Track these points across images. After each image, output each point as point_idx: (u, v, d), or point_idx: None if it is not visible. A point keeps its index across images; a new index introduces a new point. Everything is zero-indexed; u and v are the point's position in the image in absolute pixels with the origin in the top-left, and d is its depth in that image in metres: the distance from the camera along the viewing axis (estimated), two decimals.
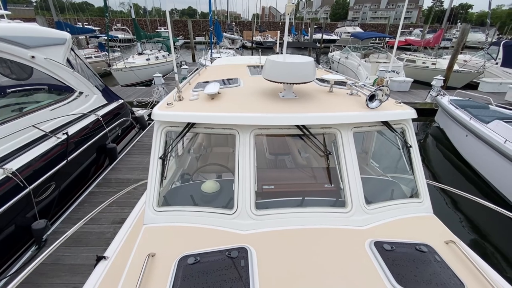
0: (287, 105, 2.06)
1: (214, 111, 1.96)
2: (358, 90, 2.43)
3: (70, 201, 4.13)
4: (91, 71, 5.58)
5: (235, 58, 6.14)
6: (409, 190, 2.29)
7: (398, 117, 2.08)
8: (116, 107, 5.76)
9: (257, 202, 1.88)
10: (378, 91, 1.99)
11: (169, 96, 2.49)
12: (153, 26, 40.63)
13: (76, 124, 4.40)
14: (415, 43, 17.79)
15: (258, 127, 1.94)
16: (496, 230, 4.52)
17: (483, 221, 4.71)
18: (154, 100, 9.04)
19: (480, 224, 4.66)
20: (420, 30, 42.37)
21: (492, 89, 11.48)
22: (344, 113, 1.92)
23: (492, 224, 4.61)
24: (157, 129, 2.12)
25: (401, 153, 2.43)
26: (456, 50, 11.59)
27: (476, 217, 4.82)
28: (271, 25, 51.63)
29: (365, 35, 15.38)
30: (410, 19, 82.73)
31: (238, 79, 2.93)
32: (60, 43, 4.54)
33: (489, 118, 5.93)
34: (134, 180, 4.64)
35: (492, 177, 5.40)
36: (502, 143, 5.01)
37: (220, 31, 15.96)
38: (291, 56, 2.28)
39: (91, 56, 15.54)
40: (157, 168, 2.08)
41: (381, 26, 52.12)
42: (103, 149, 4.97)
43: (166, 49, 16.62)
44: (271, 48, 35.70)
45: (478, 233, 4.51)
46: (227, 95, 2.37)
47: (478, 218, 4.78)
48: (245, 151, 1.92)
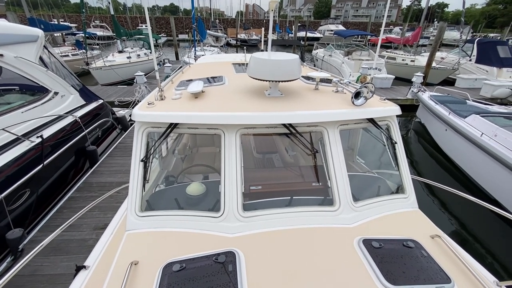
0: (273, 103, 2.02)
1: (198, 111, 1.89)
2: (343, 87, 2.43)
3: (48, 208, 3.91)
4: (67, 70, 5.30)
5: (219, 56, 6.04)
6: (394, 185, 2.33)
7: (383, 114, 2.09)
8: (96, 108, 5.52)
9: (245, 203, 1.84)
10: (363, 89, 2.00)
11: (150, 96, 2.39)
12: (134, 23, 39.44)
13: (52, 126, 4.16)
14: (395, 41, 18.30)
15: (244, 126, 1.89)
16: (477, 222, 4.71)
17: (464, 213, 4.89)
18: (136, 99, 8.76)
19: (462, 217, 4.84)
20: (400, 29, 43.69)
21: (468, 84, 12.00)
22: (330, 110, 1.90)
23: (473, 216, 4.81)
24: (138, 130, 2.02)
25: (386, 149, 2.46)
26: (434, 47, 12.02)
27: (458, 210, 5.00)
28: (255, 22, 51.47)
29: (348, 33, 15.64)
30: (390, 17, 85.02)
31: (222, 77, 2.86)
32: (32, 40, 4.27)
33: (467, 112, 6.19)
34: (117, 183, 4.47)
35: (470, 169, 5.64)
36: (479, 136, 5.23)
37: (204, 28, 15.72)
38: (276, 53, 2.25)
39: (68, 54, 14.83)
40: (139, 171, 1.98)
41: (363, 24, 53.29)
42: (82, 151, 4.74)
43: (148, 46, 16.16)
44: (256, 46, 35.60)
45: (461, 226, 4.68)
46: (211, 93, 2.30)
47: (459, 211, 4.96)
48: (231, 151, 1.87)
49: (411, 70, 14.82)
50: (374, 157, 2.85)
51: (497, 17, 61.30)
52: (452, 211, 4.99)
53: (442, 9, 79.01)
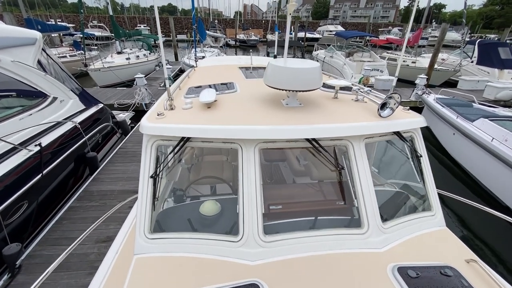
0: (293, 114, 1.87)
1: (213, 123, 1.74)
2: (364, 96, 2.30)
3: (47, 219, 3.74)
4: (66, 73, 5.12)
5: (222, 58, 5.89)
6: (418, 200, 2.19)
7: (410, 126, 1.95)
8: (96, 112, 5.34)
9: (265, 224, 1.69)
10: (390, 99, 1.86)
11: (158, 104, 2.23)
12: (132, 23, 39.17)
13: (51, 133, 3.98)
14: (396, 42, 18.24)
15: (263, 140, 1.74)
16: (496, 235, 4.43)
17: (483, 227, 4.58)
18: (136, 102, 8.57)
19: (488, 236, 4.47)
20: (398, 29, 43.80)
21: (470, 86, 11.93)
22: (356, 123, 1.76)
23: (489, 226, 4.55)
24: (146, 144, 1.87)
25: (405, 159, 2.33)
26: (437, 49, 11.95)
27: (482, 227, 4.62)
28: (254, 23, 51.31)
29: (350, 34, 15.54)
30: (388, 18, 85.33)
31: (233, 84, 2.70)
32: (30, 43, 4.09)
33: (474, 116, 6.08)
34: (118, 192, 4.31)
35: (479, 174, 5.53)
36: (489, 141, 5.12)
37: (204, 29, 15.54)
38: (294, 60, 2.10)
39: (66, 55, 14.59)
40: (148, 188, 1.83)
41: (361, 25, 53.36)
42: (82, 158, 4.57)
43: (147, 47, 15.95)
44: (255, 46, 35.47)
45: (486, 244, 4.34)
46: (224, 102, 2.15)
47: (484, 228, 4.59)
48: (250, 167, 1.72)
49: (413, 72, 14.75)
50: (389, 167, 2.72)
51: (494, 18, 61.65)
52: (476, 228, 4.64)
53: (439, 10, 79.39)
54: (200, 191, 2.71)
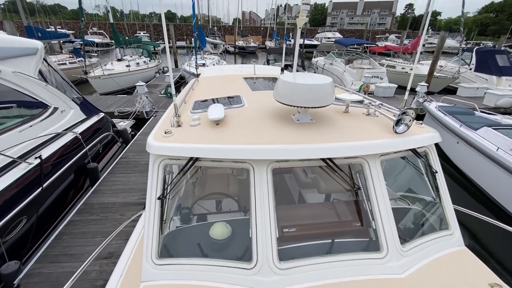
0: (305, 131, 1.81)
1: (223, 142, 1.67)
2: (375, 109, 2.25)
3: (46, 233, 3.62)
4: (67, 83, 5.06)
5: (225, 67, 5.86)
6: (432, 216, 2.12)
7: (425, 143, 1.90)
8: (96, 122, 5.26)
9: (279, 249, 1.61)
10: (405, 116, 1.81)
11: (164, 120, 2.17)
12: (132, 30, 39.38)
13: (51, 145, 3.89)
14: (395, 49, 18.39)
15: (276, 160, 1.68)
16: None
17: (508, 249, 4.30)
18: (136, 110, 8.51)
19: (508, 255, 4.24)
20: (396, 36, 44.35)
21: (470, 93, 11.99)
22: (371, 141, 1.70)
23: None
24: (153, 163, 1.79)
25: (413, 171, 2.27)
26: (436, 56, 12.04)
27: (499, 244, 4.37)
28: (252, 29, 51.79)
29: (349, 42, 15.67)
30: (384, 25, 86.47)
31: (240, 97, 2.65)
32: (31, 53, 4.03)
33: (477, 124, 6.06)
34: (120, 204, 4.20)
35: (486, 185, 5.47)
36: (495, 150, 5.09)
37: (204, 36, 15.61)
38: (304, 75, 2.05)
39: (65, 62, 14.56)
40: (155, 211, 1.75)
41: (359, 32, 54.00)
42: (83, 170, 4.47)
43: (147, 54, 15.97)
44: (254, 53, 35.71)
45: (507, 265, 4.12)
46: (232, 118, 2.09)
47: (502, 246, 4.34)
48: (263, 189, 1.64)
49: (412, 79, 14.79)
50: (396, 178, 2.65)
51: (489, 25, 62.68)
52: (487, 242, 4.42)
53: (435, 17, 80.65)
54: (206, 207, 2.63)
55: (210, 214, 2.39)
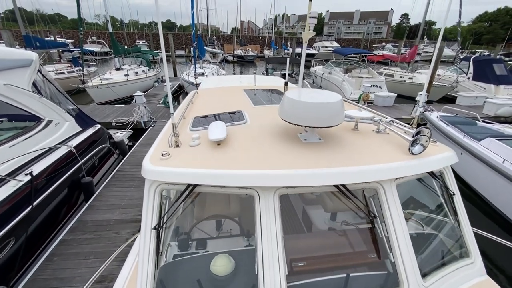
0: (314, 152, 1.67)
1: (225, 165, 1.53)
2: (386, 127, 2.12)
3: (35, 254, 3.42)
4: (63, 94, 4.93)
5: (224, 78, 5.77)
6: (450, 242, 1.97)
7: (443, 164, 1.77)
8: (92, 134, 5.11)
9: (289, 285, 1.45)
10: (421, 136, 1.68)
11: (162, 139, 2.02)
12: (131, 39, 39.65)
13: (44, 160, 3.73)
14: (392, 58, 18.53)
15: (284, 186, 1.53)
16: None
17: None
18: (134, 120, 8.37)
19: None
20: (392, 45, 44.97)
21: (469, 102, 11.99)
22: (388, 165, 1.56)
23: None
24: (149, 189, 1.64)
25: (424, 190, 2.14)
26: (435, 66, 12.08)
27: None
28: (251, 39, 52.37)
29: (348, 51, 15.76)
30: (380, 34, 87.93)
31: (242, 113, 2.52)
32: (25, 65, 3.92)
33: (481, 135, 5.97)
34: (115, 221, 4.01)
35: (493, 198, 5.34)
36: (501, 162, 4.97)
37: (203, 46, 15.66)
38: (312, 91, 1.93)
39: (64, 71, 14.49)
40: (151, 242, 1.59)
41: (356, 41, 54.76)
42: (76, 184, 4.29)
43: (146, 63, 15.96)
44: (253, 62, 35.97)
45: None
46: (234, 137, 1.95)
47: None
48: (269, 218, 1.50)
49: (410, 88, 14.86)
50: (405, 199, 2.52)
51: (483, 34, 63.84)
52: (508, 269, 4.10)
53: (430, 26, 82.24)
54: (206, 229, 2.46)
55: (211, 239, 2.23)
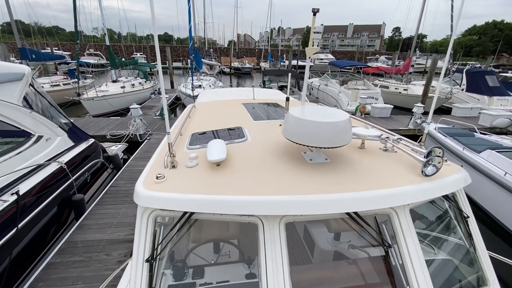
0: (321, 175, 1.56)
1: (225, 190, 1.40)
2: (393, 145, 2.03)
3: (19, 280, 3.18)
4: (55, 108, 4.79)
5: (222, 91, 5.70)
6: (465, 268, 1.84)
7: (458, 186, 1.66)
8: (85, 149, 4.94)
9: None
10: (435, 157, 1.58)
11: (156, 160, 1.88)
12: (129, 51, 39.95)
13: (33, 177, 3.55)
14: (387, 70, 18.84)
15: (289, 214, 1.41)
16: None
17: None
18: (130, 133, 8.22)
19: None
20: (385, 57, 46.01)
21: (464, 113, 12.10)
22: (402, 189, 1.45)
23: None
24: (141, 216, 1.50)
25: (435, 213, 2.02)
26: (429, 78, 12.26)
27: None
28: (247, 51, 53.21)
29: (344, 64, 15.99)
30: (374, 46, 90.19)
31: (242, 130, 2.41)
32: (16, 79, 3.80)
33: (480, 147, 5.93)
34: (106, 242, 3.80)
35: (496, 211, 5.25)
36: (503, 175, 4.91)
37: (200, 58, 15.75)
38: (316, 108, 1.83)
39: (59, 83, 14.39)
40: (142, 276, 1.43)
41: (350, 53, 56.00)
42: (67, 202, 4.09)
43: (143, 76, 15.95)
44: (249, 74, 36.36)
45: None
46: (234, 156, 1.83)
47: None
48: (275, 248, 1.36)
49: (406, 99, 15.04)
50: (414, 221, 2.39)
51: (473, 47, 65.77)
52: None
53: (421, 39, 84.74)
54: (202, 254, 2.30)
55: (209, 266, 2.06)
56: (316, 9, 1.79)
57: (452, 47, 11.41)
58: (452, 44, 2.15)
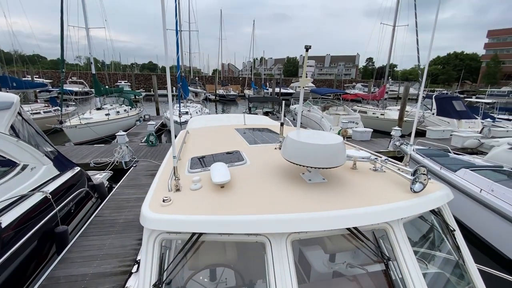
0: (322, 194, 1.67)
1: (232, 211, 1.47)
2: (382, 165, 2.20)
3: None
4: (42, 136, 4.69)
5: (212, 117, 5.85)
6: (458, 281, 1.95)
7: (443, 201, 1.83)
8: (71, 178, 4.78)
9: None
10: (420, 175, 1.76)
11: (159, 183, 1.93)
12: (113, 79, 39.97)
13: (16, 208, 3.37)
14: (365, 96, 20.09)
15: (297, 231, 1.48)
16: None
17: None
18: (115, 160, 8.03)
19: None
20: (361, 85, 49.13)
21: (437, 136, 12.96)
22: (396, 204, 1.59)
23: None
24: (147, 239, 1.52)
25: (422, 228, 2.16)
26: (403, 103, 13.22)
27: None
28: (231, 79, 54.98)
29: (325, 91, 16.97)
30: (350, 75, 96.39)
31: (240, 153, 2.52)
32: (5, 107, 3.75)
33: (455, 166, 6.35)
34: (92, 276, 3.58)
35: (473, 224, 5.51)
36: (478, 192, 5.25)
37: (187, 86, 16.10)
38: (312, 133, 1.99)
39: (40, 111, 14.02)
40: None
41: (328, 81, 59.36)
42: (49, 235, 3.86)
43: (128, 103, 15.93)
44: (234, 101, 37.28)
45: None
46: (237, 179, 1.92)
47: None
48: (283, 266, 1.41)
49: (383, 123, 15.96)
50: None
51: (438, 75, 71.97)
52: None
53: (392, 68, 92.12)
54: (198, 280, 2.25)
55: None
56: (308, 46, 2.03)
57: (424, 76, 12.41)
58: (425, 75, 2.46)
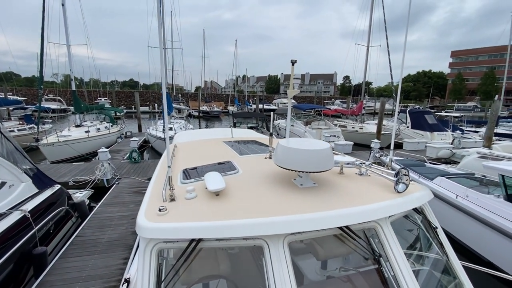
0: (314, 197, 1.77)
1: (229, 216, 1.52)
2: (367, 169, 2.36)
3: None
4: (21, 153, 4.49)
5: (198, 131, 5.90)
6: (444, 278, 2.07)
7: (425, 200, 1.99)
8: (50, 196, 4.56)
9: None
10: (403, 176, 1.92)
11: (153, 194, 1.94)
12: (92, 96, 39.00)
13: None
14: (344, 112, 21.03)
15: (292, 233, 1.55)
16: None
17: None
18: (96, 178, 7.73)
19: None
20: (340, 101, 51.37)
21: (413, 147, 13.70)
22: (383, 203, 1.72)
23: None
24: (144, 249, 1.51)
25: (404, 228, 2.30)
26: (381, 118, 13.95)
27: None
28: (215, 96, 55.50)
29: (306, 107, 17.61)
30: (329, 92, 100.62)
31: (232, 163, 2.59)
32: None
33: (432, 175, 6.74)
34: None
35: (451, 228, 5.80)
36: (455, 198, 5.58)
37: (171, 103, 16.06)
38: (301, 140, 2.12)
39: (14, 129, 13.33)
40: None
41: (309, 98, 61.73)
42: (27, 257, 3.62)
43: (109, 120, 15.56)
44: (218, 117, 37.45)
45: None
46: (231, 187, 1.98)
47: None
48: (282, 268, 1.46)
49: (362, 136, 16.68)
50: None
51: (410, 91, 76.89)
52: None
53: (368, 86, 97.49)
54: None
55: None
56: (294, 60, 2.21)
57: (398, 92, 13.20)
58: (400, 92, 2.72)
